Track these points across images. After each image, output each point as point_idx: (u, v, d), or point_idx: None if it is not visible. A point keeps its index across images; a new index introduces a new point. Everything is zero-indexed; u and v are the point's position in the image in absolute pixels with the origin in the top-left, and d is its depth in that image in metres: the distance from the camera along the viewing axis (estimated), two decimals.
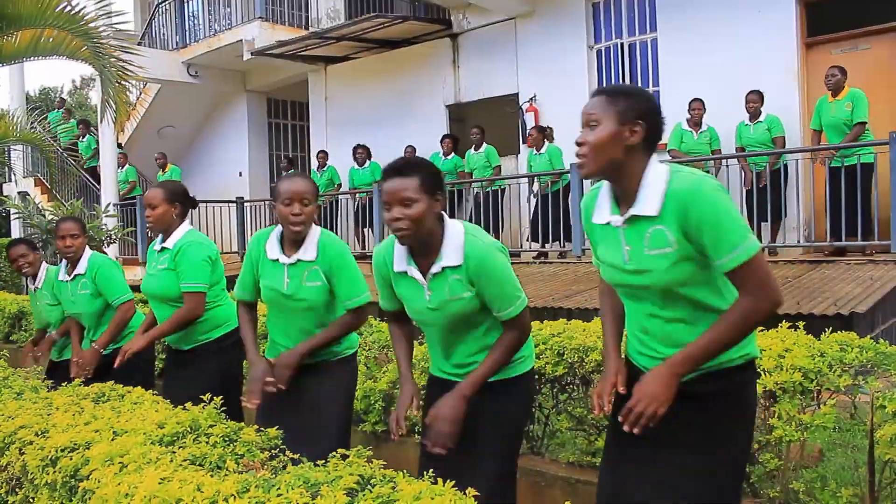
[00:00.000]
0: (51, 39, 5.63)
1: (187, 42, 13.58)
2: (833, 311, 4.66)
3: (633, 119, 1.95)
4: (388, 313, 2.73)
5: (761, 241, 7.42)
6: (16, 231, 15.16)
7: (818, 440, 3.77)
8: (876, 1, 7.57)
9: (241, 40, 12.23)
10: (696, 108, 7.99)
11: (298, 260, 3.00)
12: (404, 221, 2.32)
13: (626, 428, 1.96)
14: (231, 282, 3.52)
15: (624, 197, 2.02)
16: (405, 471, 2.04)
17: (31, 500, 2.47)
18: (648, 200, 1.95)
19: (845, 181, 6.67)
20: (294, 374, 2.95)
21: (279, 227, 3.07)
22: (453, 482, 1.84)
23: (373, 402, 4.16)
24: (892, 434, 2.50)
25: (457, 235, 2.42)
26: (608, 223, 2.06)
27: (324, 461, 2.08)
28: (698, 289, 1.98)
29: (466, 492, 1.81)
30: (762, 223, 7.39)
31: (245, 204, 12.61)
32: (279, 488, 1.89)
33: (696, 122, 8.00)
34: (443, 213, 2.46)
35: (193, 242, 3.70)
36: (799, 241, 7.28)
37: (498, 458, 2.51)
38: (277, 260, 3.03)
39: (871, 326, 5.29)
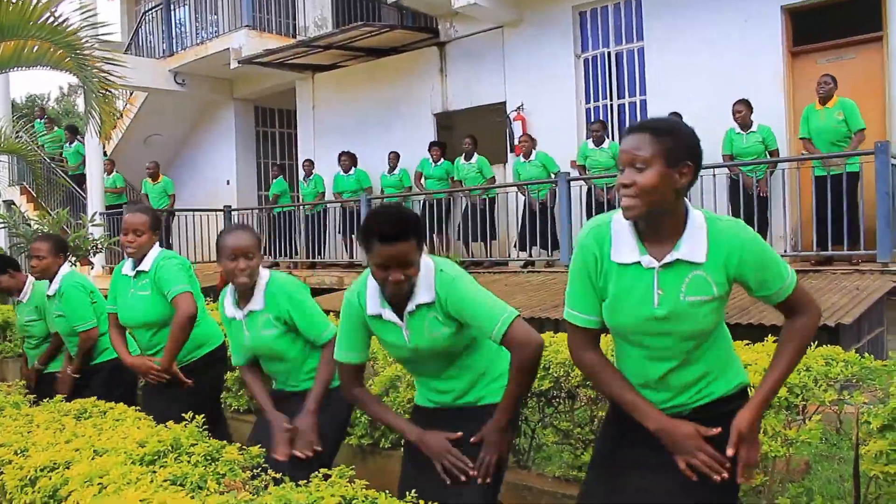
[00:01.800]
0: (35, 49, 5.61)
1: (174, 50, 13.51)
2: (819, 323, 4.66)
3: (682, 161, 1.88)
4: (351, 368, 2.61)
5: None
6: (1, 240, 15.05)
7: (804, 453, 3.78)
8: (861, 11, 7.62)
9: (228, 48, 12.20)
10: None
11: (250, 311, 3.08)
12: (405, 282, 2.33)
13: (740, 481, 1.95)
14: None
15: (656, 237, 1.95)
16: (387, 491, 2.03)
17: None
18: (695, 245, 1.91)
19: (832, 191, 6.70)
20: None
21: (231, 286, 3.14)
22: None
23: (358, 415, 4.13)
24: (876, 450, 2.49)
25: (428, 273, 2.40)
26: (637, 263, 1.95)
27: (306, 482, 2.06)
28: (713, 332, 2.03)
29: None
30: None
31: (232, 212, 12.56)
32: None
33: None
34: None
35: (169, 256, 3.71)
36: (785, 251, 7.30)
37: (484, 486, 2.48)
38: (234, 317, 3.12)
39: (858, 337, 5.31)
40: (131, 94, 14.56)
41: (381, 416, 2.64)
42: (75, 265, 10.53)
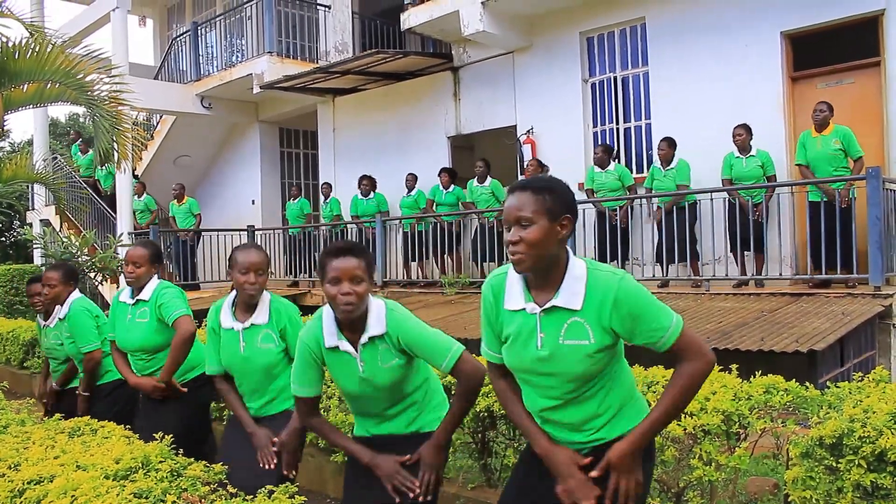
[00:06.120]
0: (57, 85, 6.04)
1: (201, 75, 13.97)
2: (793, 349, 4.78)
3: (561, 214, 2.04)
4: (308, 400, 2.78)
5: (746, 274, 7.55)
6: (37, 258, 15.63)
7: (776, 476, 3.91)
8: (860, 36, 7.70)
9: (251, 74, 12.58)
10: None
11: (252, 324, 3.31)
12: (353, 296, 2.50)
13: None
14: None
15: (540, 286, 2.11)
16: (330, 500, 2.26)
17: None
18: (572, 294, 2.05)
19: (826, 216, 6.78)
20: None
21: (232, 294, 3.38)
22: None
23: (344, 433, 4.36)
24: (795, 476, 2.64)
25: (378, 309, 2.62)
26: (522, 309, 2.13)
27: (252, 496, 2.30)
28: (599, 377, 2.14)
29: None
30: (745, 252, 7.50)
31: (256, 232, 12.92)
32: None
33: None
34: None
35: (167, 286, 3.98)
36: (781, 274, 7.36)
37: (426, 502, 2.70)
38: (232, 327, 3.34)
39: (840, 361, 5.39)
40: (161, 117, 15.08)
41: (337, 441, 2.83)
42: (103, 283, 10.96)
